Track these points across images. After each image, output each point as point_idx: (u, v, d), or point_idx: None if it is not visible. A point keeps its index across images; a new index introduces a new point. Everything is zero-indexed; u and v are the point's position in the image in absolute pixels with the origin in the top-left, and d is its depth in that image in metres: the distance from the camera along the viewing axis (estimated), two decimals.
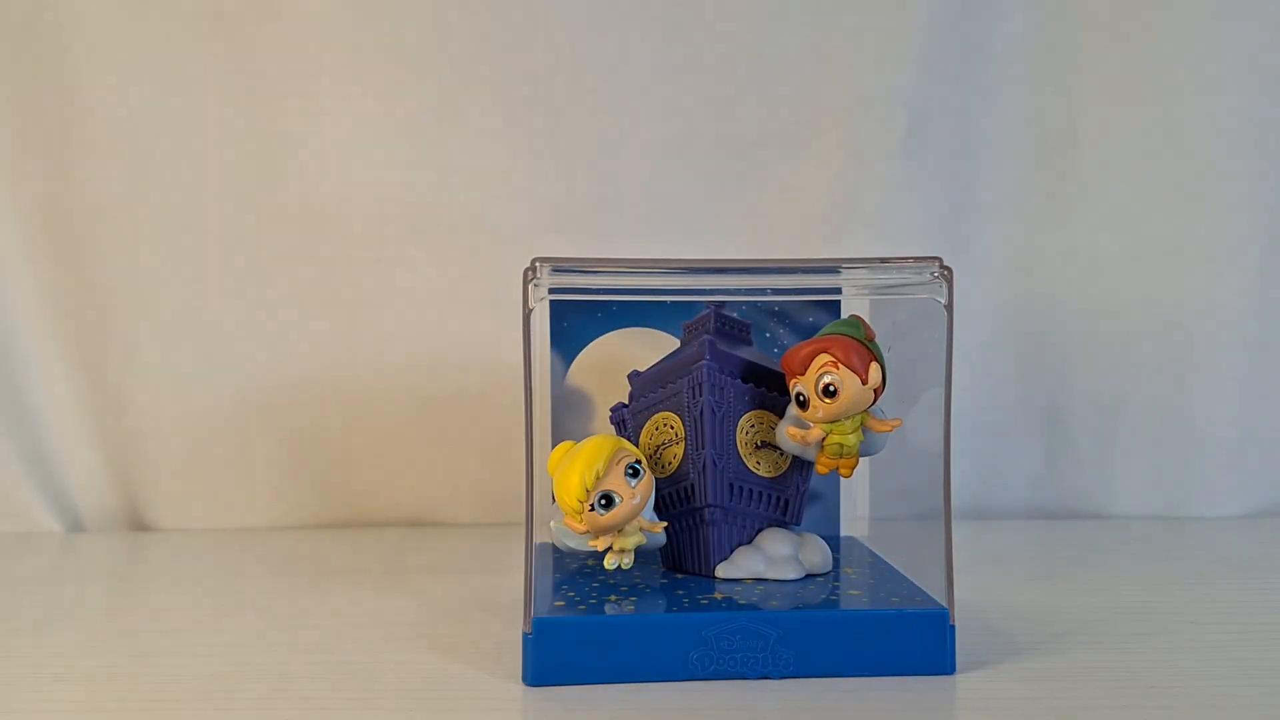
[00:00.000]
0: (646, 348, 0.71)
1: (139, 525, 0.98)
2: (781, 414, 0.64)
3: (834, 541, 0.72)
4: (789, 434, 0.62)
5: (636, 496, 0.59)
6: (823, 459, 0.61)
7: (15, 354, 0.95)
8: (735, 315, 0.70)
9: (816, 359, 0.59)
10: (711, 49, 0.94)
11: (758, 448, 0.66)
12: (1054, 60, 0.94)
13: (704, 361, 0.64)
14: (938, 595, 0.59)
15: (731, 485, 0.64)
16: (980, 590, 0.72)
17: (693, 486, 0.64)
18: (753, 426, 0.65)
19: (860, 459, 0.62)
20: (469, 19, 0.93)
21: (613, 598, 0.60)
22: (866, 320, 0.61)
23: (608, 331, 0.72)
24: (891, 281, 0.62)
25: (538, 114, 0.94)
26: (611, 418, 0.71)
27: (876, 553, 0.71)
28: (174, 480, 0.98)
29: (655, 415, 0.67)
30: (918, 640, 0.57)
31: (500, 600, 0.71)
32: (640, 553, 0.61)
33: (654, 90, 0.94)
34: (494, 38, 0.93)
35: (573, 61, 0.94)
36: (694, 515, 0.65)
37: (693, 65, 0.94)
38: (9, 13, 0.92)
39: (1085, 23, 0.94)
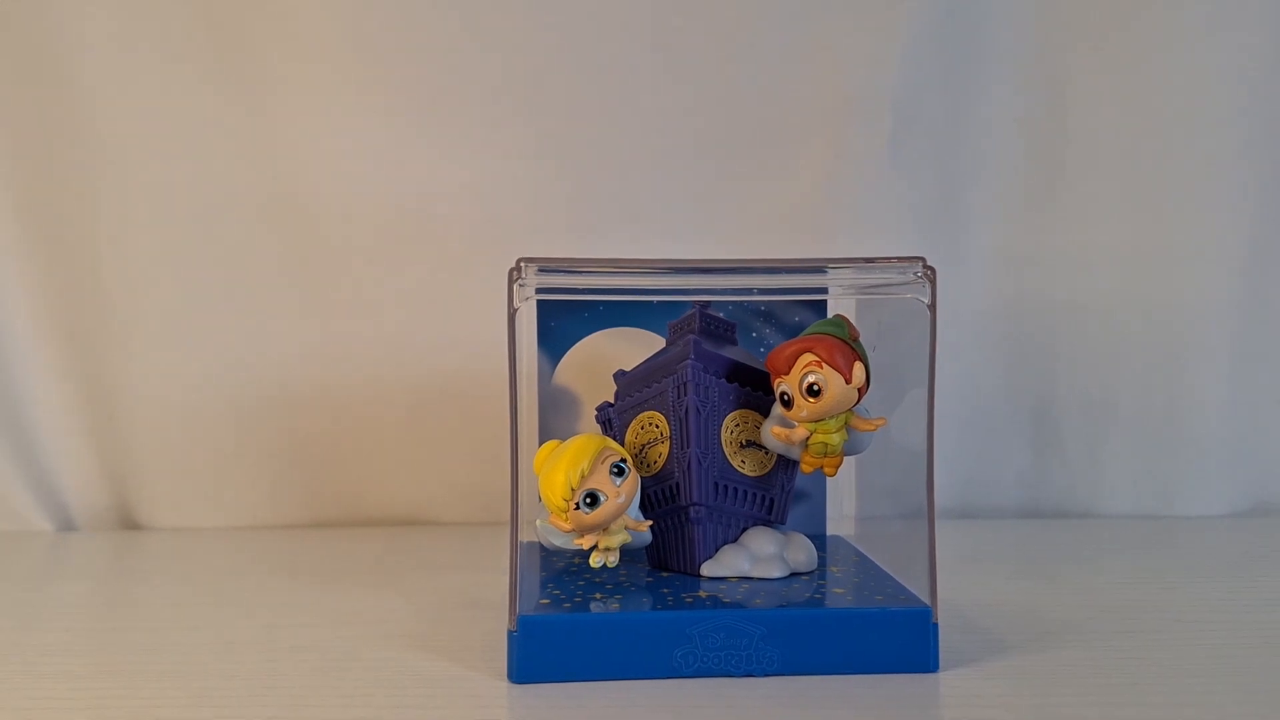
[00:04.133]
0: (632, 347, 0.72)
1: (130, 524, 0.99)
2: (766, 413, 0.64)
3: (820, 540, 0.72)
4: (774, 433, 0.62)
5: (621, 495, 0.59)
6: (807, 458, 0.62)
7: (7, 354, 0.95)
8: (720, 315, 0.70)
9: (801, 358, 0.59)
10: (699, 50, 0.94)
11: (743, 447, 0.66)
12: (1042, 60, 0.95)
13: (689, 361, 0.65)
14: (922, 594, 0.59)
15: (716, 484, 0.65)
16: (966, 589, 0.72)
17: (678, 485, 0.65)
18: (737, 426, 0.66)
19: (845, 458, 0.62)
20: (461, 22, 0.93)
21: (598, 596, 0.61)
22: (852, 320, 0.61)
23: (594, 331, 0.72)
24: (876, 281, 0.62)
25: (526, 115, 0.94)
26: (597, 417, 0.71)
27: (862, 551, 0.71)
28: (165, 479, 0.98)
29: (641, 414, 0.68)
30: (901, 638, 0.57)
31: (487, 598, 0.71)
32: (626, 551, 0.62)
33: (642, 92, 0.94)
34: (484, 41, 0.93)
35: (561, 63, 0.94)
36: (679, 514, 0.65)
37: (680, 66, 0.94)
38: (9, 15, 0.92)
39: (1074, 22, 0.94)
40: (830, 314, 0.65)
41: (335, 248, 0.95)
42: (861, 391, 0.60)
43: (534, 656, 0.56)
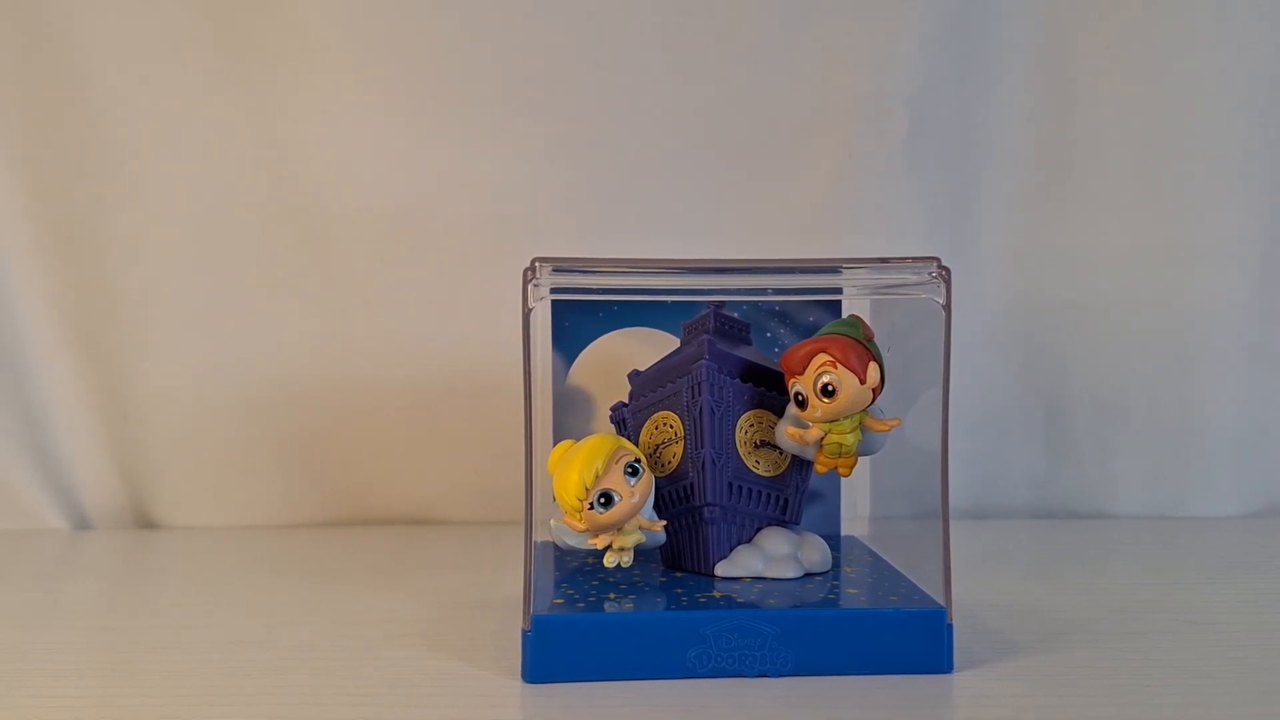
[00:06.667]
0: (647, 347, 0.72)
1: (145, 523, 0.99)
2: (781, 413, 0.64)
3: (834, 541, 0.72)
4: (788, 433, 0.62)
5: (635, 495, 0.59)
6: (821, 458, 0.62)
7: (22, 353, 0.96)
8: (735, 315, 0.70)
9: (815, 358, 0.59)
10: (710, 50, 0.94)
11: (757, 447, 0.66)
12: (1053, 60, 0.94)
13: (703, 361, 0.65)
14: (936, 594, 0.59)
15: (731, 484, 0.65)
16: (979, 589, 0.72)
17: (692, 485, 0.65)
18: (752, 426, 0.66)
19: (859, 458, 0.62)
20: (469, 23, 0.93)
21: (612, 596, 0.61)
22: (866, 320, 0.61)
23: (608, 331, 0.72)
24: (891, 281, 0.62)
25: (535, 115, 0.94)
26: (611, 417, 0.71)
27: (877, 552, 0.71)
28: (179, 478, 0.98)
29: (655, 414, 0.68)
30: (915, 639, 0.57)
31: (498, 597, 0.71)
32: (640, 551, 0.62)
33: (653, 91, 0.94)
34: (494, 41, 0.94)
35: (573, 63, 0.94)
36: (693, 514, 0.65)
37: (692, 66, 0.94)
38: (16, 15, 0.92)
39: (1084, 22, 0.94)
40: (845, 314, 0.65)
41: (346, 247, 0.96)
42: (876, 392, 0.60)
43: (547, 656, 0.56)
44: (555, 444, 0.63)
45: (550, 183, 0.95)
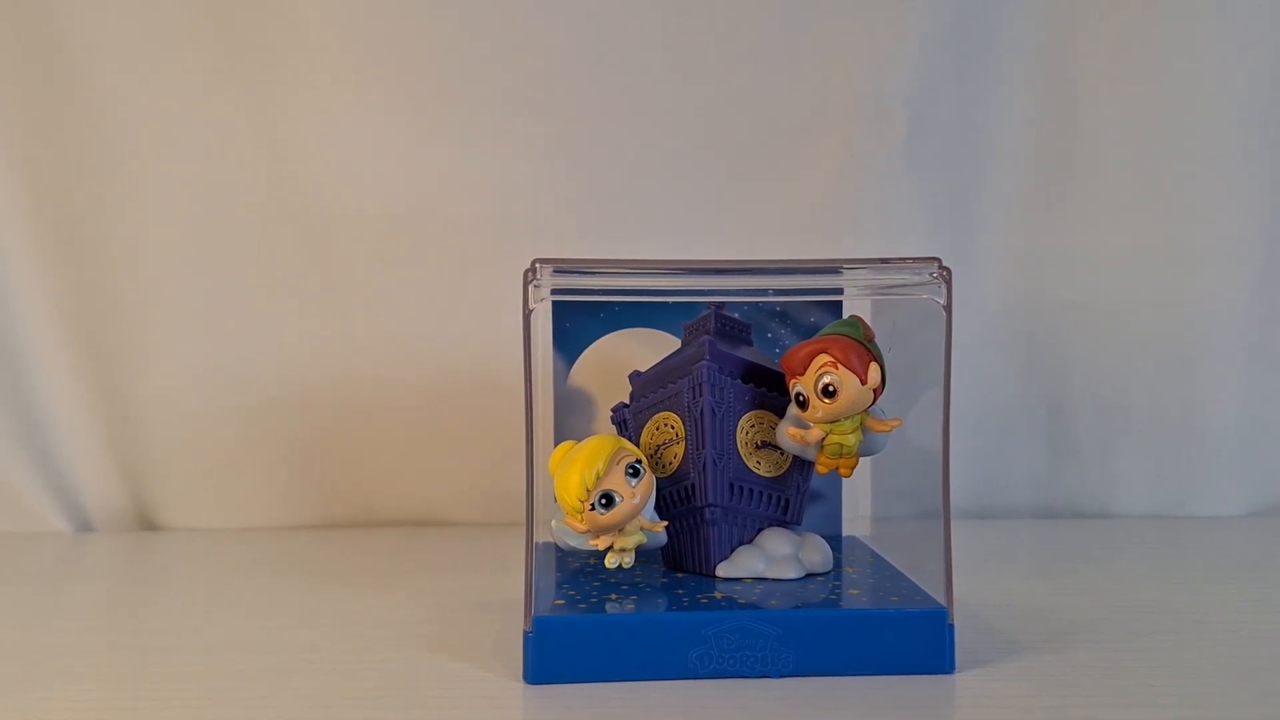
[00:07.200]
0: (647, 348, 0.72)
1: (147, 525, 0.99)
2: (782, 414, 0.64)
3: (836, 541, 0.72)
4: (789, 434, 0.62)
5: (636, 496, 0.59)
6: (822, 459, 0.62)
7: (24, 354, 0.96)
8: (735, 316, 0.70)
9: (816, 359, 0.59)
10: (710, 50, 0.94)
11: (758, 447, 0.66)
12: (1054, 60, 0.95)
13: (704, 362, 0.65)
14: (938, 594, 0.59)
15: (732, 485, 0.64)
16: (981, 589, 0.72)
17: (693, 486, 0.65)
18: (753, 426, 0.66)
19: (860, 459, 0.62)
20: (470, 24, 0.93)
21: (613, 596, 0.61)
22: (867, 321, 0.61)
23: (609, 332, 0.72)
24: (892, 282, 0.62)
25: (536, 116, 0.94)
26: (613, 417, 0.71)
27: (878, 552, 0.71)
28: (181, 480, 0.98)
29: (656, 415, 0.68)
30: (917, 639, 0.57)
31: (500, 599, 0.71)
32: (641, 552, 0.62)
33: (653, 92, 0.94)
34: (494, 42, 0.94)
35: (573, 64, 0.94)
36: (694, 515, 0.65)
37: (692, 67, 0.94)
38: (17, 16, 0.92)
39: (1085, 22, 0.94)
40: (845, 314, 0.65)
41: (347, 248, 0.96)
42: (877, 392, 0.60)
43: (549, 657, 0.56)
44: (556, 445, 0.63)
45: (550, 183, 0.95)
